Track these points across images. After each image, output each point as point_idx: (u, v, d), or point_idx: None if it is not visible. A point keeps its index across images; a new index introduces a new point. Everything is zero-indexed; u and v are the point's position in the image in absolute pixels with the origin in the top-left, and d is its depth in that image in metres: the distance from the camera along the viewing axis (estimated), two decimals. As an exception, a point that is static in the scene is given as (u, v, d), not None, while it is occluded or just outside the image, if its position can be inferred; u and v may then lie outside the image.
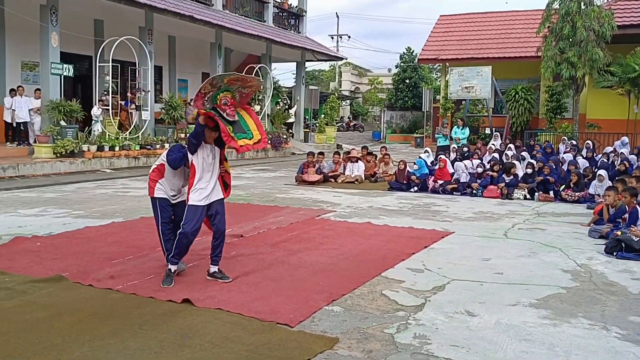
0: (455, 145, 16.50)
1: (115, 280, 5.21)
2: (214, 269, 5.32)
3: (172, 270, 5.17)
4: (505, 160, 13.29)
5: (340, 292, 5.01)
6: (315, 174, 13.68)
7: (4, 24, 16.65)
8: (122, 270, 5.56)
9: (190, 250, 5.52)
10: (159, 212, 5.47)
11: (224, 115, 5.01)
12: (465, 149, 15.85)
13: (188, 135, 5.22)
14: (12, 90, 15.92)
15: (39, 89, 15.96)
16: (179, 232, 5.15)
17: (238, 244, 6.87)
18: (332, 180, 13.91)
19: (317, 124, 29.48)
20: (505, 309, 4.72)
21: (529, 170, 12.05)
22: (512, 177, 11.94)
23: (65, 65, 15.82)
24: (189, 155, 5.16)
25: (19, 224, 7.87)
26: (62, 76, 15.95)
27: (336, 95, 36.91)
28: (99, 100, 16.84)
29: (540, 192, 11.50)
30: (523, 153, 14.89)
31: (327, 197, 11.45)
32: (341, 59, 34.90)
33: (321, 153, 14.61)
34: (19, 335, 3.91)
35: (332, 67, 56.69)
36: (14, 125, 15.90)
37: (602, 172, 11.12)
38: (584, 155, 14.52)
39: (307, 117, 29.64)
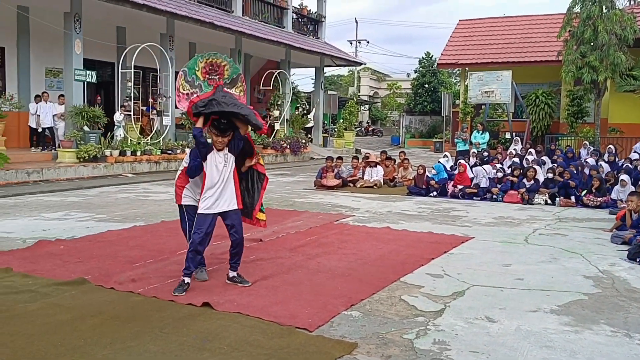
0: (475, 150, 16.39)
1: (136, 283, 5.27)
2: (233, 273, 5.33)
3: (186, 282, 5.06)
4: (525, 165, 13.18)
5: (359, 297, 5.00)
6: (334, 179, 13.69)
7: (29, 31, 17.00)
8: (143, 273, 5.62)
9: (210, 253, 5.58)
10: (187, 221, 5.40)
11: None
12: (485, 153, 15.75)
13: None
14: (37, 96, 16.23)
15: (62, 95, 16.25)
16: (189, 242, 5.08)
17: (257, 248, 6.91)
18: (351, 185, 13.91)
19: (336, 129, 29.52)
20: (526, 315, 4.67)
21: (550, 175, 11.93)
22: (532, 182, 11.82)
23: (88, 72, 16.08)
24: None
25: (42, 228, 8.01)
26: (85, 82, 16.21)
27: (355, 100, 36.92)
28: (121, 106, 17.09)
29: (562, 197, 11.37)
30: (543, 157, 14.75)
31: (345, 201, 11.45)
32: (360, 64, 34.90)
33: (340, 158, 14.63)
34: (42, 338, 3.97)
35: (350, 72, 56.77)
36: (39, 130, 16.20)
37: (625, 177, 10.96)
38: (606, 160, 14.33)
39: (325, 122, 29.69)
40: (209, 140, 5.13)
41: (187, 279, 5.07)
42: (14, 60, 17.02)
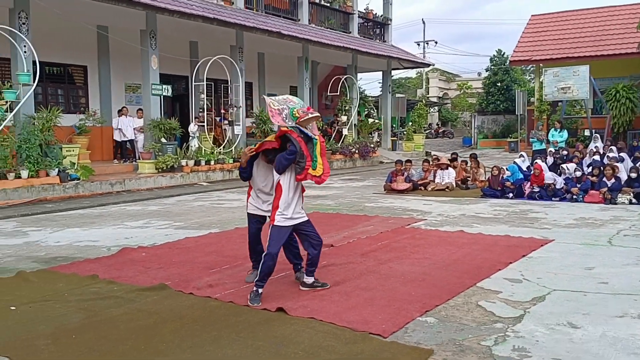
0: (553, 149, 15.77)
1: (213, 288, 5.42)
2: (310, 280, 5.32)
3: (259, 292, 5.04)
4: (606, 163, 12.55)
5: (433, 302, 4.92)
6: (404, 182, 13.55)
7: (109, 50, 17.92)
8: (219, 279, 5.78)
9: (282, 259, 5.66)
10: (248, 225, 5.67)
11: (307, 132, 5.02)
12: (564, 152, 15.12)
13: (280, 155, 5.04)
14: (118, 111, 17.09)
15: (141, 109, 17.02)
16: (264, 254, 5.06)
17: (329, 253, 6.93)
18: (422, 188, 13.71)
19: (405, 132, 29.23)
20: (612, 320, 4.44)
21: (633, 175, 11.29)
22: (614, 180, 11.23)
23: (164, 86, 16.76)
24: (276, 175, 5.10)
25: (125, 236, 8.40)
26: (162, 96, 16.89)
27: (424, 102, 36.44)
28: (195, 118, 17.68)
29: (648, 196, 10.73)
30: (621, 154, 14.00)
31: (417, 205, 11.31)
32: (428, 65, 34.44)
33: (409, 161, 14.46)
34: (126, 342, 4.15)
35: (419, 74, 56.09)
36: (121, 143, 17.04)
37: None
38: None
39: (394, 125, 29.46)
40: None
41: (260, 290, 5.05)
42: (96, 77, 17.99)
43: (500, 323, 4.43)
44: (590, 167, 12.44)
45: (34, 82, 13.17)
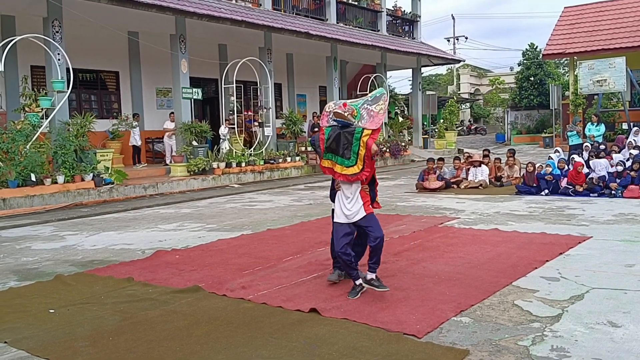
0: (589, 144, 15.39)
1: (246, 290, 5.44)
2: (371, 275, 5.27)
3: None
4: (647, 157, 12.17)
5: (468, 302, 4.85)
6: (436, 181, 13.40)
7: (140, 55, 18.22)
8: (252, 280, 5.80)
9: (314, 260, 5.65)
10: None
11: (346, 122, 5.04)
12: (602, 146, 14.74)
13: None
14: (135, 114, 17.42)
15: (172, 113, 17.25)
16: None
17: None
18: (455, 186, 13.55)
19: (436, 130, 28.94)
20: (656, 320, 4.30)
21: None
22: (656, 174, 10.90)
23: (194, 89, 16.96)
24: None
25: (159, 239, 8.51)
26: (192, 99, 17.10)
27: (455, 98, 36.03)
28: (225, 120, 17.84)
29: (692, 190, 10.38)
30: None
31: (449, 203, 11.17)
32: (458, 61, 34.06)
33: (441, 159, 14.30)
34: (162, 343, 4.20)
35: (449, 71, 55.60)
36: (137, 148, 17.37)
37: None
38: None
39: (425, 123, 29.21)
40: None
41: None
42: (128, 83, 18.32)
43: (538, 322, 4.34)
44: (630, 162, 12.10)
45: (68, 88, 13.49)
